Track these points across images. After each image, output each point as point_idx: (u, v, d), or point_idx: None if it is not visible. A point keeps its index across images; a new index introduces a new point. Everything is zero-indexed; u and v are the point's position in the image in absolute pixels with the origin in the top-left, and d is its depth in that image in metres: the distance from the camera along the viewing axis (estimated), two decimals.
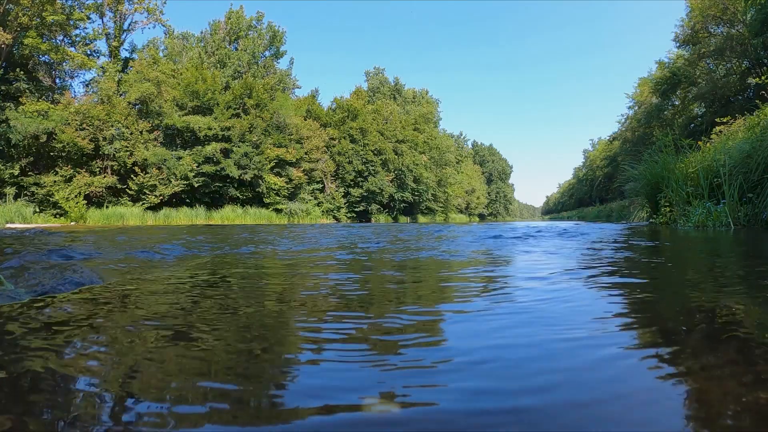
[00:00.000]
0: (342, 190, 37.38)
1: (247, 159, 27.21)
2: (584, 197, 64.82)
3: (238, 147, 27.00)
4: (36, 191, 20.24)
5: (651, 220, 9.26)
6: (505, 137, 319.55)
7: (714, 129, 13.33)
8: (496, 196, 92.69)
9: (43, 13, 20.45)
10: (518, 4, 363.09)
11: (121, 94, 24.03)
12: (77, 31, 24.13)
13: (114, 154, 22.41)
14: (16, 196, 19.56)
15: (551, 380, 0.69)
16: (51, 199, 20.28)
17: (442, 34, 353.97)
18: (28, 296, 1.43)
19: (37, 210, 19.78)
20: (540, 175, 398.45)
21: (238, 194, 27.27)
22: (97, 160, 22.47)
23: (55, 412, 0.61)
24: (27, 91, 21.38)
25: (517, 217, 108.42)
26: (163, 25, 28.57)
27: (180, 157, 24.59)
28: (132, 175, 23.00)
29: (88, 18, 24.13)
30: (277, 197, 28.63)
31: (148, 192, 23.18)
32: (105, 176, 22.38)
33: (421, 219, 45.22)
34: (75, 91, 25.99)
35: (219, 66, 33.08)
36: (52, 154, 20.84)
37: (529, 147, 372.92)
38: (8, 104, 20.14)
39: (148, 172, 23.17)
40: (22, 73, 21.09)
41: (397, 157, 42.88)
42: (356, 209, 38.29)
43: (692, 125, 27.57)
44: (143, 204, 22.94)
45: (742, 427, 0.56)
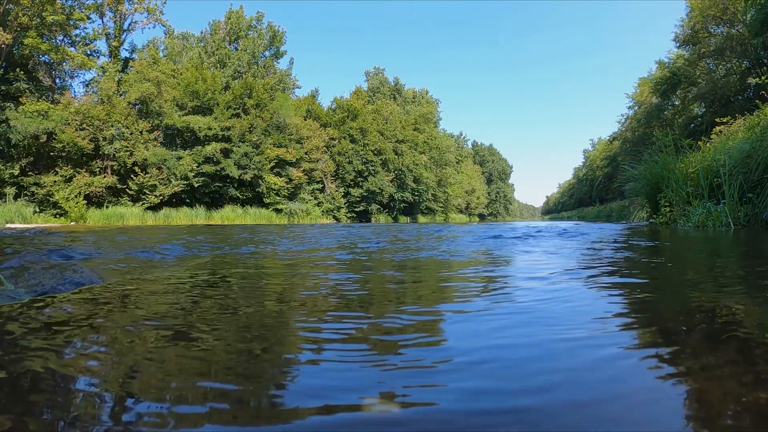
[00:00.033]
0: (342, 190, 37.38)
1: (247, 159, 27.21)
2: (584, 197, 64.83)
3: (238, 147, 27.00)
4: (36, 191, 20.24)
5: (651, 220, 9.26)
6: (505, 137, 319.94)
7: (714, 129, 13.33)
8: (496, 196, 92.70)
9: (43, 13, 20.45)
10: (518, 4, 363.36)
11: (121, 94, 24.03)
12: (77, 31, 24.16)
13: (114, 154, 22.42)
14: (16, 196, 19.57)
15: (551, 380, 0.69)
16: (51, 199, 20.28)
17: (442, 34, 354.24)
18: (28, 296, 1.43)
19: (37, 210, 19.78)
20: (540, 175, 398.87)
21: (238, 194, 27.27)
22: (97, 160, 22.47)
23: (55, 412, 0.61)
24: (27, 91, 21.38)
25: (517, 217, 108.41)
26: (163, 25, 28.60)
27: (180, 157, 24.60)
28: (132, 175, 23.01)
29: (88, 18, 24.14)
30: (277, 197, 28.64)
31: (148, 192, 23.18)
32: (105, 176, 22.38)
33: (421, 219, 45.22)
34: (75, 91, 26.03)
35: (219, 66, 33.08)
36: (52, 154, 20.85)
37: (529, 147, 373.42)
38: (8, 104, 20.15)
39: (148, 172, 23.18)
40: (22, 73, 21.09)
41: (397, 157, 42.89)
42: (356, 209, 38.29)
43: (692, 125, 27.58)
44: (143, 204, 22.94)
45: (742, 428, 0.56)
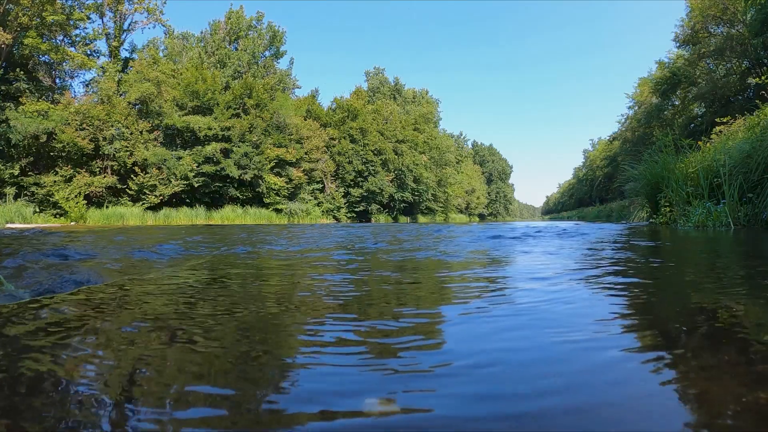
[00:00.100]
0: (342, 190, 37.38)
1: (247, 159, 27.22)
2: (584, 197, 64.83)
3: (238, 147, 27.00)
4: (36, 191, 20.24)
5: (651, 220, 9.25)
6: (505, 137, 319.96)
7: (714, 129, 13.33)
8: (496, 196, 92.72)
9: (43, 13, 20.45)
10: (518, 4, 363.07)
11: (121, 94, 24.03)
12: (77, 31, 24.17)
13: (114, 154, 22.42)
14: (16, 196, 19.57)
15: (553, 384, 0.68)
16: (51, 199, 20.28)
17: (442, 34, 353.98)
18: (28, 296, 1.43)
19: (37, 210, 19.78)
20: (540, 175, 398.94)
21: (238, 194, 27.27)
22: (97, 160, 22.48)
23: (54, 413, 0.61)
24: (27, 91, 21.38)
25: (517, 217, 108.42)
26: (163, 25, 28.61)
27: (180, 157, 24.60)
28: (132, 175, 23.01)
29: (88, 18, 24.15)
30: (277, 197, 28.64)
31: (148, 192, 23.18)
32: (105, 176, 22.39)
33: (421, 219, 45.22)
34: (75, 91, 26.04)
35: (219, 66, 33.09)
36: (52, 154, 20.85)
37: (529, 147, 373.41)
38: (8, 104, 20.15)
39: (148, 172, 23.18)
40: (22, 73, 21.09)
41: (397, 157, 42.89)
42: (356, 209, 38.29)
43: (692, 125, 27.58)
44: (143, 204, 22.95)
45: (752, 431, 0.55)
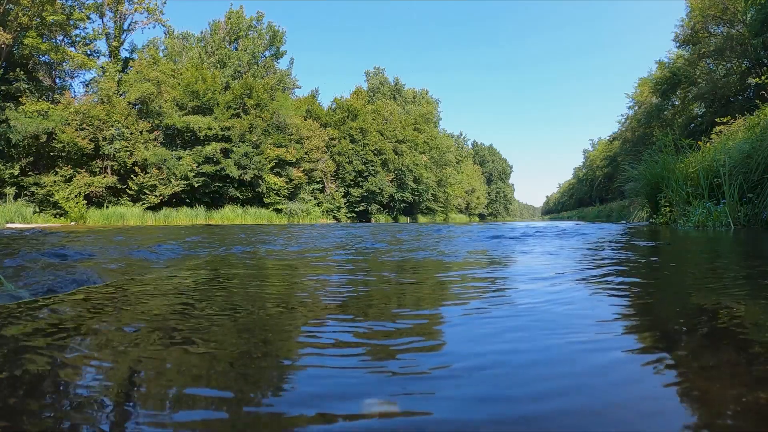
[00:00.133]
0: (342, 190, 37.38)
1: (247, 159, 27.21)
2: (584, 197, 64.83)
3: (238, 147, 27.00)
4: (36, 191, 20.24)
5: (651, 220, 9.25)
6: (505, 137, 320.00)
7: (714, 129, 13.33)
8: (496, 196, 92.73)
9: (43, 13, 20.45)
10: (518, 4, 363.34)
11: (121, 94, 24.03)
12: (77, 31, 24.17)
13: (114, 154, 22.42)
14: (16, 196, 19.57)
15: (554, 386, 0.68)
16: (51, 199, 20.28)
17: (442, 34, 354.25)
18: (28, 296, 1.43)
19: (37, 210, 19.78)
20: (540, 175, 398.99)
21: (238, 194, 27.27)
22: (97, 160, 22.48)
23: (53, 414, 0.60)
24: (27, 91, 21.38)
25: (517, 217, 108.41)
26: (163, 25, 28.61)
27: (180, 157, 24.60)
28: (132, 175, 23.01)
29: (88, 18, 24.15)
30: (277, 197, 28.64)
31: (148, 192, 23.18)
32: (105, 176, 22.39)
33: (421, 219, 45.22)
34: (75, 91, 26.04)
35: (219, 66, 33.09)
36: (52, 154, 20.85)
37: (529, 147, 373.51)
38: (8, 104, 20.15)
39: (148, 172, 23.18)
40: (22, 73, 21.09)
41: (397, 157, 42.89)
42: (356, 209, 38.30)
43: (692, 125, 27.58)
44: (143, 204, 22.94)
45: None
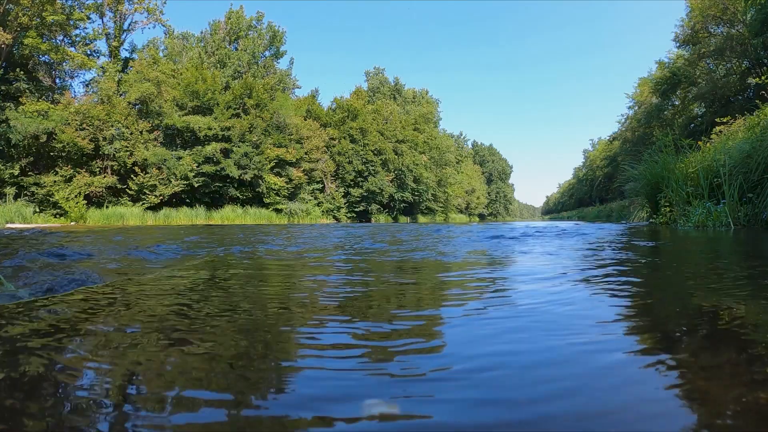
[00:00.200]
0: (342, 190, 37.39)
1: (247, 159, 27.21)
2: (584, 197, 64.83)
3: (238, 147, 27.00)
4: (36, 191, 20.24)
5: (651, 220, 9.25)
6: (505, 137, 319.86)
7: (714, 129, 13.33)
8: (496, 196, 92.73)
9: (43, 13, 20.45)
10: (518, 4, 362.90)
11: (121, 94, 24.03)
12: (77, 31, 24.17)
13: (114, 154, 22.42)
14: (16, 196, 19.57)
15: (555, 389, 0.67)
16: (51, 199, 20.28)
17: (442, 34, 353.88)
18: (27, 296, 1.43)
19: (37, 210, 19.78)
20: (540, 175, 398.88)
21: (238, 194, 27.27)
22: (97, 160, 22.48)
23: (52, 415, 0.60)
24: (27, 91, 21.38)
25: (517, 217, 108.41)
26: (163, 25, 28.61)
27: (180, 157, 24.60)
28: (132, 175, 23.01)
29: (88, 18, 24.15)
30: (277, 197, 28.64)
31: (148, 192, 23.18)
32: (105, 176, 22.39)
33: (421, 219, 45.22)
34: (75, 91, 26.03)
35: (219, 66, 33.09)
36: (52, 154, 20.85)
37: (529, 147, 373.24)
38: (8, 104, 20.15)
39: (148, 172, 23.18)
40: (22, 73, 21.09)
41: (397, 157, 42.89)
42: (356, 209, 38.29)
43: (692, 125, 27.58)
44: (143, 204, 22.94)
45: None
